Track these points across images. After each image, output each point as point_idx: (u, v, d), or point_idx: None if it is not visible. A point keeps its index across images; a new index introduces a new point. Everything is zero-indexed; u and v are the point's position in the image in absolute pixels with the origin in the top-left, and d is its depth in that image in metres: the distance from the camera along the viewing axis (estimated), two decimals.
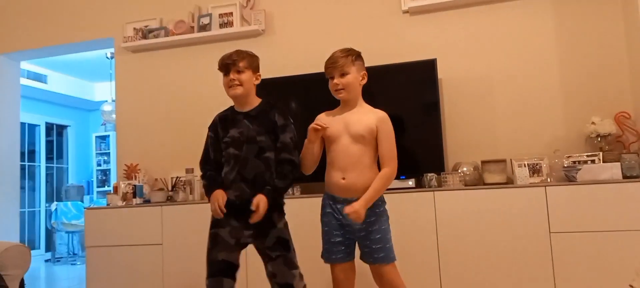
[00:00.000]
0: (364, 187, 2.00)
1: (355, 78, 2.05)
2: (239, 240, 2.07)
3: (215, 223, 2.10)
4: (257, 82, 2.17)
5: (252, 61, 2.14)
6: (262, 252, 2.09)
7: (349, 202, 2.01)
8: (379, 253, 2.00)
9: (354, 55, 2.07)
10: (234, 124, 2.12)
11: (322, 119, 2.12)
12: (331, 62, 2.05)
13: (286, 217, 2.15)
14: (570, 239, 2.54)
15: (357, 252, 2.09)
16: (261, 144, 2.06)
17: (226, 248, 2.06)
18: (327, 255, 2.09)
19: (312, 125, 2.04)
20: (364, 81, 2.10)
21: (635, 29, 2.80)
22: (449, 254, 2.69)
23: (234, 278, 2.07)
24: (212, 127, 2.20)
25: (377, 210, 2.03)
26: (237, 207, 2.05)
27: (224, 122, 2.17)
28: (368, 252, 2.03)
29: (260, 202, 1.97)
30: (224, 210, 2.02)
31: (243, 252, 2.13)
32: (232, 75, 2.09)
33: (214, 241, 2.08)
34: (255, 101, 2.16)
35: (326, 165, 2.11)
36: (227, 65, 2.10)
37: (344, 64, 2.03)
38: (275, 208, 2.08)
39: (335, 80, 2.05)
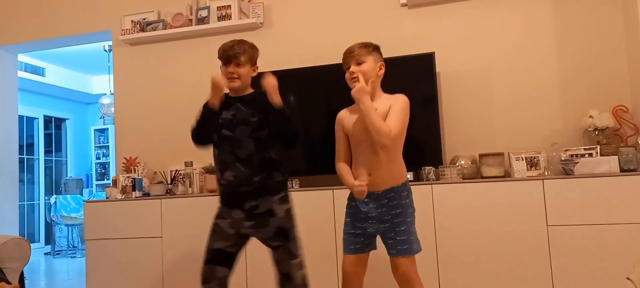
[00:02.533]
0: (391, 180, 2.02)
1: (371, 68, 2.05)
2: (239, 231, 2.10)
3: (218, 215, 2.16)
4: (255, 74, 2.22)
5: (253, 55, 2.19)
6: (265, 242, 2.13)
7: (375, 194, 2.02)
8: (403, 245, 2.00)
9: (372, 46, 2.09)
10: (228, 107, 2.17)
11: (344, 116, 2.14)
12: (348, 52, 2.08)
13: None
14: (567, 232, 2.55)
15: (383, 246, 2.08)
16: (254, 124, 2.10)
17: (224, 238, 2.10)
18: (345, 246, 2.10)
19: (358, 187, 1.99)
20: (381, 73, 2.10)
21: (633, 22, 2.80)
22: (446, 247, 2.70)
23: (229, 267, 2.11)
24: None
25: (403, 201, 2.02)
26: (236, 196, 2.09)
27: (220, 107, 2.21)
28: (392, 244, 2.02)
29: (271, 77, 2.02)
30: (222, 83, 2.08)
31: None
32: (231, 68, 2.13)
33: (214, 230, 2.14)
34: (249, 90, 2.22)
35: (351, 160, 2.13)
36: (228, 58, 2.13)
37: (360, 53, 2.05)
38: (275, 192, 2.10)
39: (352, 69, 2.06)
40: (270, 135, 2.11)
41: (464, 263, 2.67)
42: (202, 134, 2.17)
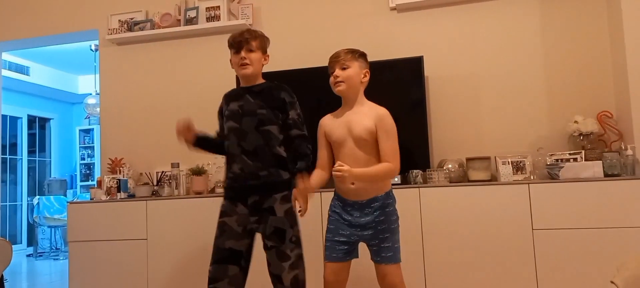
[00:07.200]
0: (374, 189, 2.01)
1: (356, 74, 2.05)
2: (246, 227, 2.09)
3: (223, 213, 2.13)
4: (266, 63, 2.22)
5: (263, 42, 2.19)
6: (263, 241, 2.11)
7: (358, 203, 2.02)
8: (387, 252, 1.99)
9: (358, 53, 2.09)
10: (236, 98, 2.16)
11: (326, 122, 2.13)
12: (334, 57, 2.08)
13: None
14: (552, 236, 2.58)
15: (368, 253, 2.07)
16: (261, 116, 2.09)
17: (233, 237, 2.08)
18: (327, 254, 2.07)
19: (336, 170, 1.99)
20: (366, 80, 2.09)
21: (618, 29, 2.84)
22: (433, 249, 2.71)
23: (240, 266, 2.08)
24: (220, 109, 2.26)
25: (387, 209, 2.01)
26: (242, 190, 2.09)
27: (227, 99, 2.22)
28: (376, 251, 2.01)
29: (299, 196, 2.01)
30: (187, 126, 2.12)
31: None
32: (243, 54, 2.11)
33: (222, 229, 2.11)
34: (260, 80, 2.21)
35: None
36: (239, 43, 2.12)
37: (345, 58, 2.05)
38: (279, 190, 2.09)
39: (336, 72, 2.05)
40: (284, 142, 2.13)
41: (451, 265, 2.68)
42: (209, 152, 2.25)
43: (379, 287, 2.06)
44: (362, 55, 2.10)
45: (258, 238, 2.13)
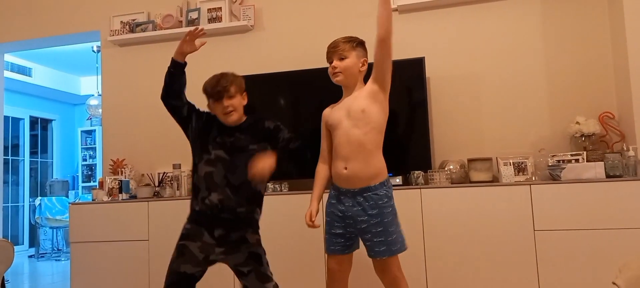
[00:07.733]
0: (367, 177, 2.00)
1: (354, 63, 2.06)
2: (208, 257, 2.03)
3: (186, 236, 2.05)
4: (245, 102, 2.15)
5: (240, 83, 2.12)
6: (235, 269, 2.07)
7: (351, 191, 2.01)
8: (380, 247, 1.99)
9: (356, 41, 2.10)
10: (226, 131, 2.10)
11: (327, 111, 2.16)
12: (332, 47, 2.09)
13: (274, 212, 2.15)
14: (554, 237, 2.57)
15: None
16: (252, 152, 2.02)
17: (191, 262, 2.01)
18: (326, 246, 2.10)
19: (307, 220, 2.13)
20: (364, 68, 2.11)
21: (620, 29, 2.84)
22: (435, 251, 2.71)
23: None
24: (206, 113, 2.18)
25: (380, 202, 2.00)
26: (213, 220, 2.02)
27: (218, 126, 2.13)
28: (370, 246, 2.02)
29: (266, 161, 1.89)
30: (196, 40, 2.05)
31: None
32: (225, 103, 2.06)
33: (180, 252, 2.03)
34: (244, 118, 2.15)
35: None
36: (219, 93, 2.06)
37: (343, 48, 2.06)
38: (250, 225, 2.07)
39: (334, 63, 2.06)
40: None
41: (452, 267, 2.68)
42: (172, 91, 2.15)
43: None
44: (361, 44, 2.11)
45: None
